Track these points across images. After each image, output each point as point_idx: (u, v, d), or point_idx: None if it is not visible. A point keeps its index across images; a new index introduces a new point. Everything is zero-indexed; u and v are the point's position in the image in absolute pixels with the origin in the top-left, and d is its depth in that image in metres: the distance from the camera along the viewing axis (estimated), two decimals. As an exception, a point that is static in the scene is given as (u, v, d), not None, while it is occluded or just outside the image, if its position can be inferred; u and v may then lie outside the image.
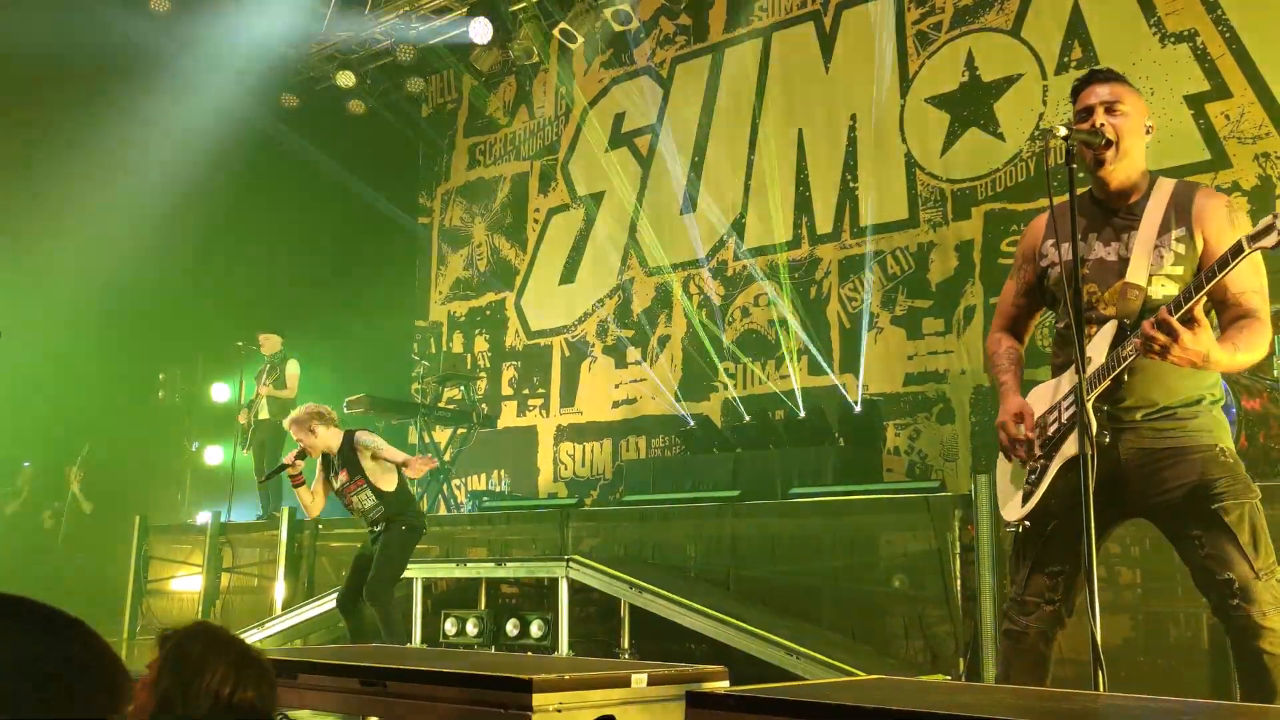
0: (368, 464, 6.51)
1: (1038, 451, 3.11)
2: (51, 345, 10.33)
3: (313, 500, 6.70)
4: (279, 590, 8.95)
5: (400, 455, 6.61)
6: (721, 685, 2.88)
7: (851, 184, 10.34)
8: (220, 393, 12.25)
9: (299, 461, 6.52)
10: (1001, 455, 3.28)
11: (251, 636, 8.17)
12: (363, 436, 6.62)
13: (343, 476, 6.56)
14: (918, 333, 9.70)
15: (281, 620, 8.20)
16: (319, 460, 6.66)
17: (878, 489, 7.68)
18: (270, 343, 10.57)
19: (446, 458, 10.77)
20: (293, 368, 10.41)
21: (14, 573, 10.90)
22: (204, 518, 10.24)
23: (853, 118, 10.40)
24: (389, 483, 6.62)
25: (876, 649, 6.52)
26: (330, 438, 6.57)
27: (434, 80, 14.04)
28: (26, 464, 11.57)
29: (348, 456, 6.53)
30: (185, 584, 10.00)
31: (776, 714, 2.07)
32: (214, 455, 12.36)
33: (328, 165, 12.69)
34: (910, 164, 9.98)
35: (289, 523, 9.14)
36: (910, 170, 9.97)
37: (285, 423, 6.72)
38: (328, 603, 7.92)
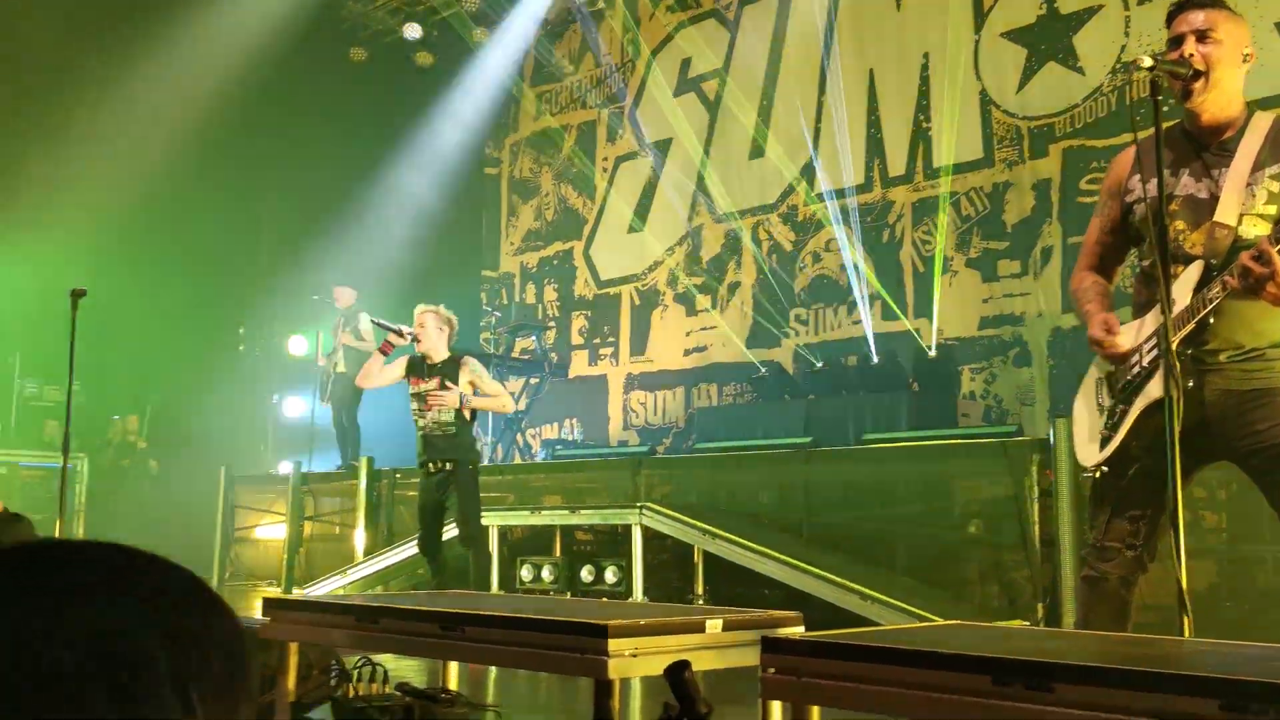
0: (463, 385, 6.54)
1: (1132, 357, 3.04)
2: (137, 303, 10.60)
3: (379, 374, 6.66)
4: (359, 538, 9.16)
5: (499, 387, 6.70)
6: (796, 631, 2.87)
7: (924, 124, 10.12)
8: (298, 345, 12.49)
9: (406, 338, 6.52)
10: (1079, 399, 3.20)
11: (333, 583, 8.39)
12: (471, 360, 6.65)
13: (433, 383, 6.52)
14: (993, 275, 9.51)
15: (363, 567, 8.40)
16: (409, 358, 6.66)
17: (953, 434, 7.60)
18: (345, 295, 10.72)
19: (520, 407, 10.87)
20: (366, 321, 10.54)
21: (113, 520, 11.29)
22: (286, 468, 10.49)
23: (925, 56, 10.15)
24: (468, 412, 6.66)
25: (951, 595, 6.48)
26: (441, 344, 6.57)
27: (500, 29, 13.97)
28: (116, 417, 11.93)
29: (449, 371, 6.52)
30: (270, 532, 10.29)
31: (852, 659, 2.06)
32: (294, 407, 12.62)
33: (398, 118, 12.75)
34: (985, 102, 9.73)
35: (367, 472, 9.33)
36: (985, 108, 9.72)
37: (421, 309, 6.64)
38: (406, 550, 8.09)
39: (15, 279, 9.83)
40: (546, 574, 7.45)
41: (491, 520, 7.64)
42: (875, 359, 9.53)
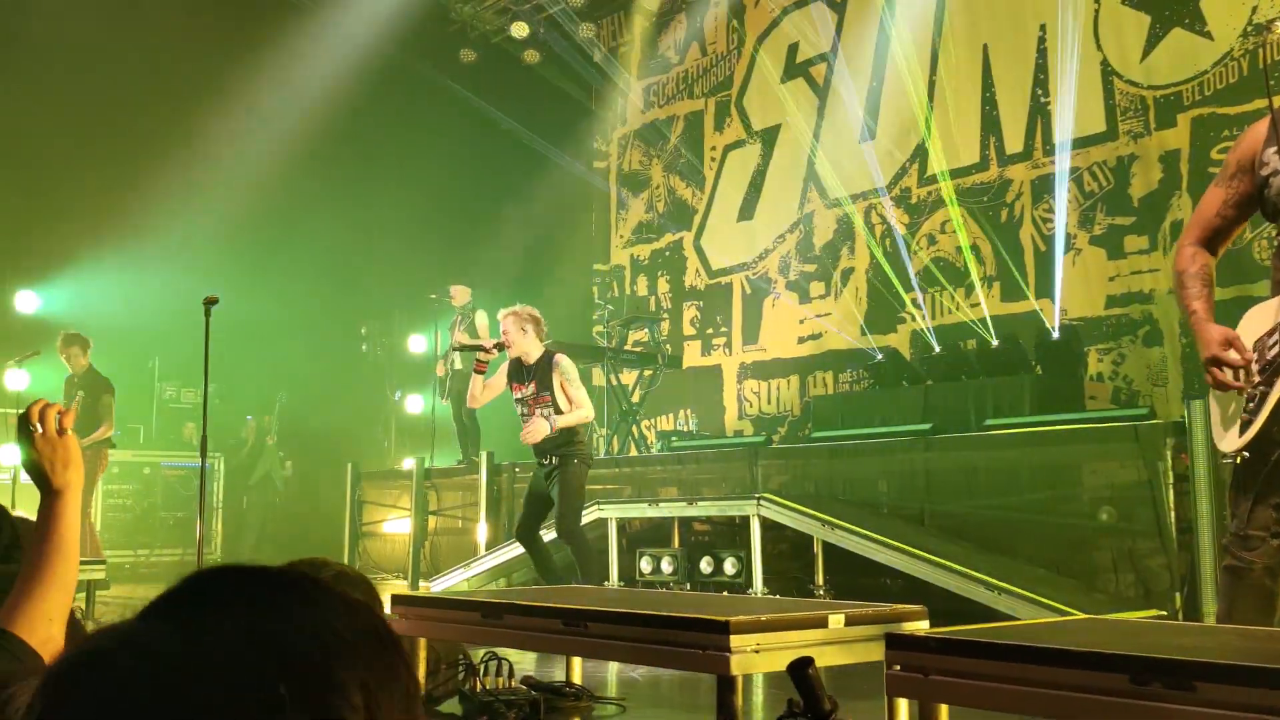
0: (556, 386, 6.55)
1: (1256, 376, 2.89)
2: (265, 308, 10.98)
3: (482, 393, 6.71)
4: (481, 531, 9.33)
5: (582, 395, 6.62)
6: (920, 625, 2.83)
7: (1043, 99, 9.81)
8: (417, 344, 12.77)
9: (494, 351, 6.59)
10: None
11: (457, 576, 8.57)
12: (563, 360, 6.62)
13: (531, 388, 6.56)
14: (1119, 252, 9.18)
15: (485, 560, 8.55)
16: (508, 364, 6.73)
17: (1080, 418, 7.37)
18: (461, 294, 10.91)
19: (634, 399, 10.92)
20: (482, 318, 10.72)
21: (248, 516, 11.75)
22: (409, 463, 10.73)
23: (1042, 28, 9.84)
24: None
25: (1082, 584, 6.29)
26: (532, 346, 6.58)
27: (605, 24, 14.05)
28: (250, 418, 12.38)
29: (543, 371, 6.54)
30: (396, 526, 10.55)
31: (981, 657, 2.01)
32: (415, 404, 12.93)
33: (506, 118, 12.93)
34: (1107, 72, 9.39)
35: (487, 467, 9.50)
36: (1107, 79, 9.38)
37: (501, 314, 6.67)
38: (528, 543, 8.20)
39: (152, 288, 10.29)
40: (666, 565, 7.48)
41: (610, 512, 7.71)
42: (995, 342, 9.29)
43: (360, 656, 0.70)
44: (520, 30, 12.91)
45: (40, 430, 1.75)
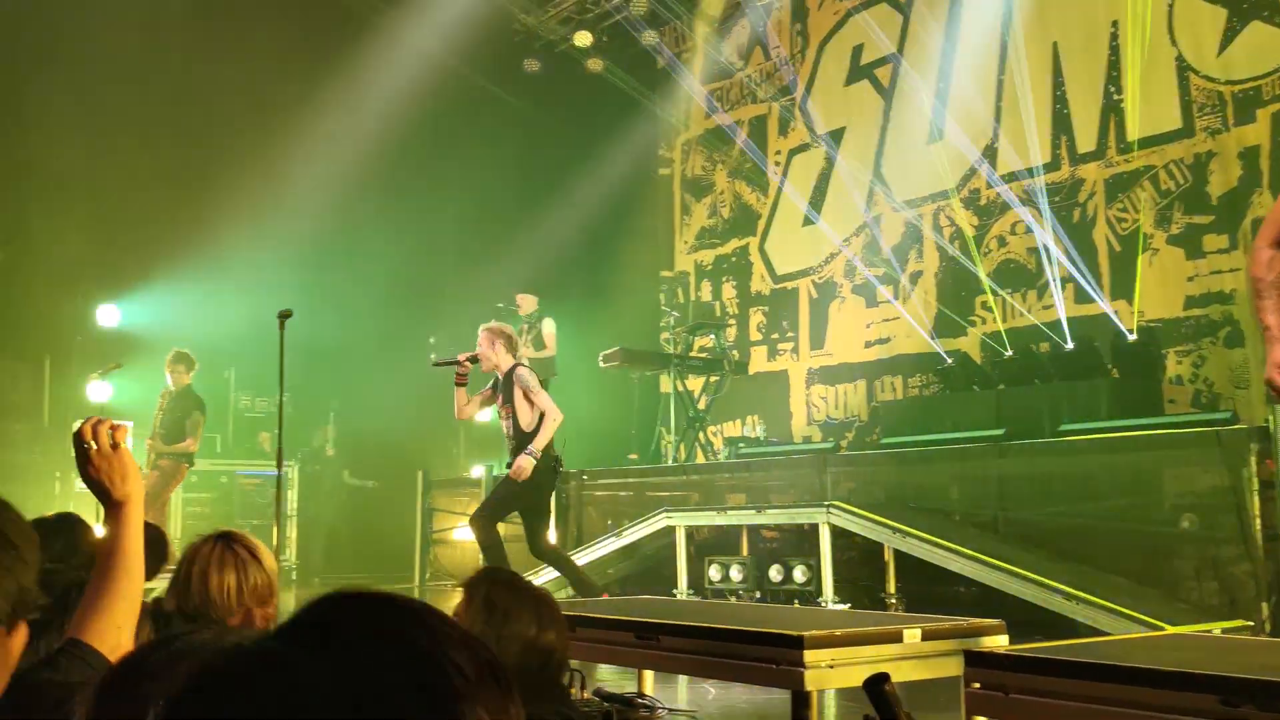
0: (517, 397, 6.75)
1: None
2: (335, 319, 11.16)
3: (465, 405, 6.97)
4: (550, 538, 9.36)
5: (547, 405, 6.77)
6: (999, 640, 2.78)
7: (1115, 96, 9.61)
8: (485, 352, 12.86)
9: (468, 364, 6.82)
10: None
11: (528, 583, 8.61)
12: (522, 372, 6.89)
13: (499, 399, 6.88)
14: (1198, 251, 8.95)
15: (552, 569, 8.57)
16: (493, 379, 6.96)
17: (1159, 422, 7.19)
18: (527, 303, 10.97)
19: (701, 406, 10.89)
20: (549, 326, 10.76)
21: (322, 524, 11.93)
22: (478, 471, 10.82)
23: (1114, 24, 9.64)
24: (528, 421, 6.78)
25: (1164, 594, 6.14)
26: (502, 359, 6.85)
27: (667, 31, 14.05)
28: (323, 427, 12.58)
29: (508, 383, 6.82)
30: (466, 534, 10.63)
31: (1064, 675, 1.97)
32: (483, 412, 13.00)
33: (570, 126, 13.00)
34: (1182, 68, 9.17)
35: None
36: (1183, 75, 9.16)
37: (481, 328, 7.00)
38: (597, 550, 8.24)
39: (227, 302, 10.51)
40: (735, 573, 7.45)
41: (678, 520, 7.70)
42: (1069, 345, 9.12)
43: (482, 692, 0.71)
44: (584, 39, 12.97)
45: (94, 446, 1.78)
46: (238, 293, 10.48)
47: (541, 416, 6.74)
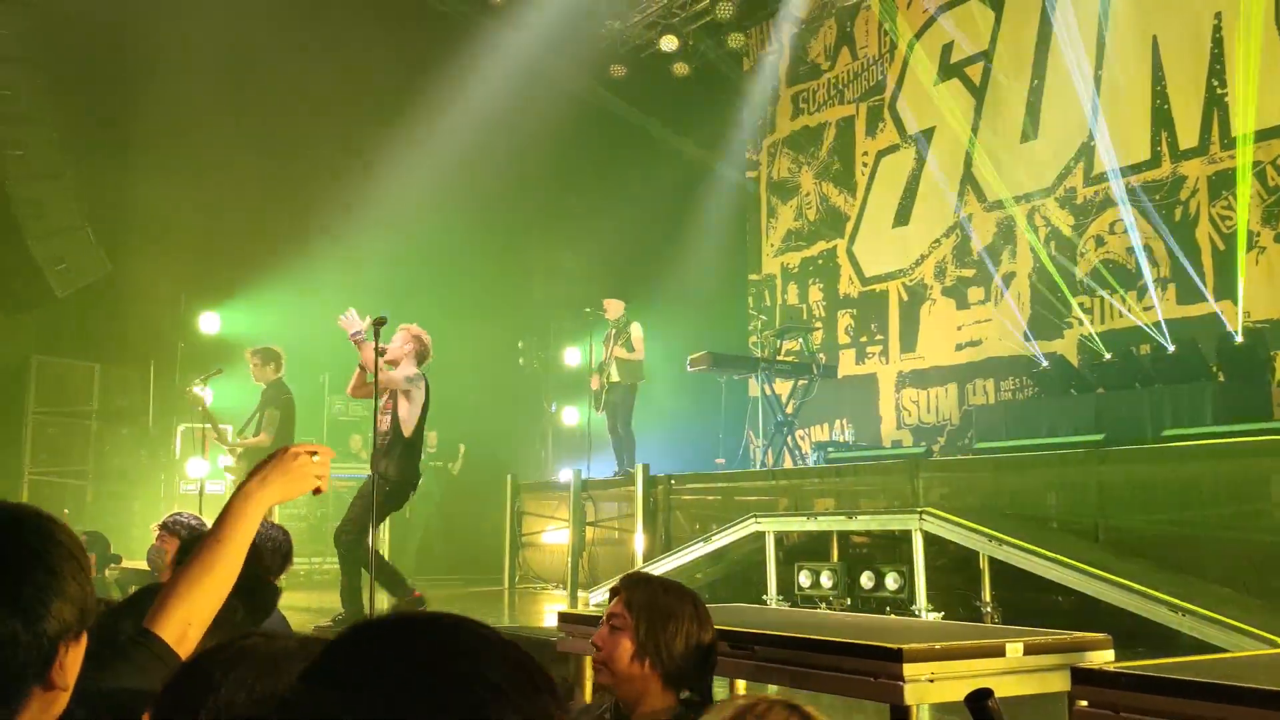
0: (398, 397, 6.95)
1: None
2: (425, 324, 11.32)
3: (359, 387, 7.01)
4: (638, 542, 9.39)
5: (405, 410, 6.94)
6: (1105, 655, 2.71)
7: (1219, 90, 9.30)
8: (572, 357, 12.96)
9: (366, 346, 6.68)
10: None
11: (617, 587, 8.64)
12: (398, 377, 6.97)
13: (386, 398, 6.97)
14: (1309, 250, 8.62)
15: (642, 571, 8.59)
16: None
17: (1269, 427, 6.93)
18: (614, 307, 11.02)
19: (789, 410, 10.82)
20: (636, 330, 10.80)
21: (413, 527, 12.12)
22: (566, 475, 10.88)
23: (1217, 16, 9.34)
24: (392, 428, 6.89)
25: (1272, 605, 5.91)
26: (406, 369, 7.03)
27: (753, 33, 14.00)
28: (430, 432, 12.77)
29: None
30: (554, 537, 10.72)
31: (1179, 696, 1.90)
32: (571, 416, 13.11)
33: (656, 130, 13.03)
34: (1291, 60, 8.84)
35: (643, 478, 9.55)
36: (1291, 67, 8.83)
37: (403, 328, 7.14)
38: (685, 555, 8.23)
39: (322, 308, 10.73)
40: (825, 580, 7.36)
41: (767, 525, 7.64)
42: (1171, 347, 8.85)
43: (513, 701, 0.72)
44: (670, 43, 12.98)
45: (301, 447, 1.89)
46: (332, 299, 10.70)
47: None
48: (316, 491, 1.87)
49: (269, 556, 3.53)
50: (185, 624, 1.67)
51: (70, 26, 10.45)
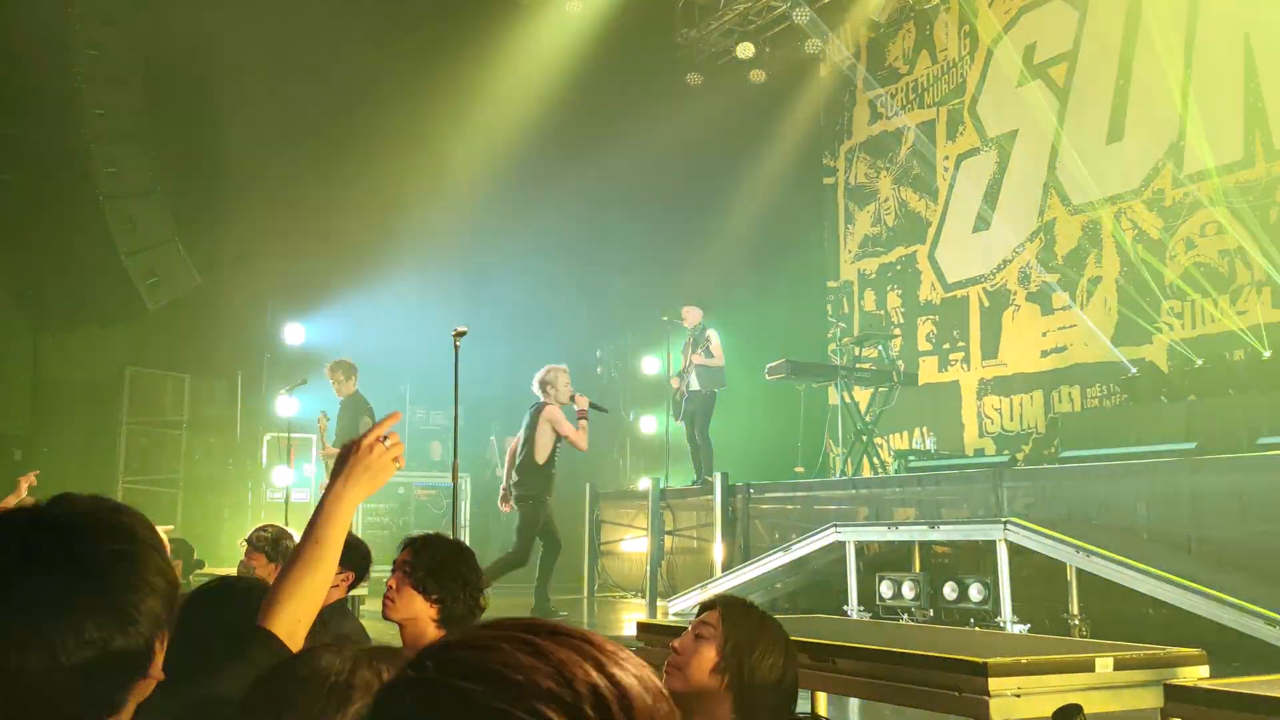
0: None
1: None
2: (503, 334, 11.45)
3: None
4: (717, 551, 9.36)
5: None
6: (1199, 671, 2.62)
7: (1316, 87, 9.00)
8: (650, 365, 12.97)
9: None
10: None
11: (695, 597, 8.62)
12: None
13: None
14: None
15: (722, 581, 8.56)
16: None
17: (1370, 436, 6.67)
18: (692, 315, 11.01)
19: (868, 418, 10.70)
20: (715, 337, 10.78)
21: (494, 534, 12.23)
22: (644, 484, 10.90)
23: (1313, 10, 9.03)
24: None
25: (1378, 619, 5.68)
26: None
27: (831, 39, 13.90)
28: (493, 438, 12.91)
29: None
30: (633, 546, 10.73)
31: (1277, 715, 1.84)
32: (649, 424, 13.12)
33: (734, 137, 12.99)
34: (1393, 53, 8.51)
35: (722, 487, 9.52)
36: (1393, 61, 8.50)
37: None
38: (765, 564, 8.19)
39: (404, 319, 10.92)
40: (907, 590, 7.27)
41: (848, 535, 7.57)
42: (1267, 352, 8.57)
43: None
44: (746, 50, 12.96)
45: (370, 438, 1.90)
46: (413, 310, 10.88)
47: None
48: (397, 466, 1.91)
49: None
50: (295, 622, 1.73)
51: (162, 46, 10.79)
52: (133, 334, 11.54)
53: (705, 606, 2.43)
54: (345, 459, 1.89)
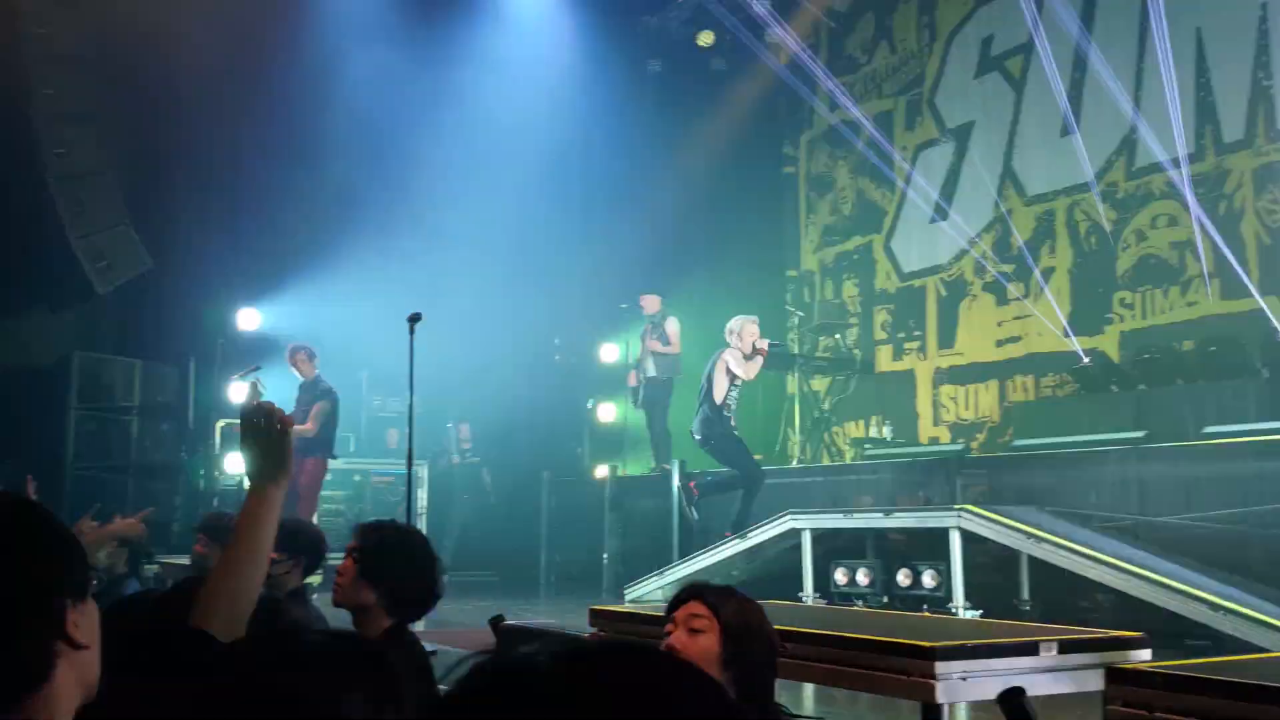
0: None
1: None
2: (461, 320, 11.38)
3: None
4: (674, 539, 9.38)
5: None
6: (1143, 655, 2.67)
7: (1264, 82, 9.14)
8: (609, 353, 12.96)
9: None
10: None
11: (652, 584, 8.64)
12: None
13: None
14: (1358, 244, 8.45)
15: (679, 568, 8.59)
16: None
17: (1314, 425, 6.81)
18: (651, 303, 11.01)
19: (826, 406, 10.77)
20: (673, 325, 10.79)
21: (450, 522, 12.18)
22: (602, 471, 10.90)
23: (1263, 7, 9.17)
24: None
25: (1321, 605, 5.81)
26: None
27: (791, 28, 13.90)
28: (450, 425, 12.84)
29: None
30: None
31: (1217, 696, 1.87)
32: (607, 412, 13.11)
33: (693, 126, 12.99)
34: (1339, 50, 8.66)
35: (680, 475, 9.54)
36: (1340, 57, 8.66)
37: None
38: (721, 552, 8.22)
39: (360, 305, 10.82)
40: (861, 578, 7.34)
41: (804, 523, 7.62)
42: (1214, 344, 8.71)
43: None
44: (706, 38, 12.95)
45: (260, 423, 1.86)
46: (370, 296, 10.78)
47: None
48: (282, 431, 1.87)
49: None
50: (230, 618, 1.71)
51: (114, 26, 10.59)
52: (82, 318, 11.35)
53: (681, 599, 2.42)
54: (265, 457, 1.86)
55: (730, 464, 8.89)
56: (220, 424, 11.08)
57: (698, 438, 8.88)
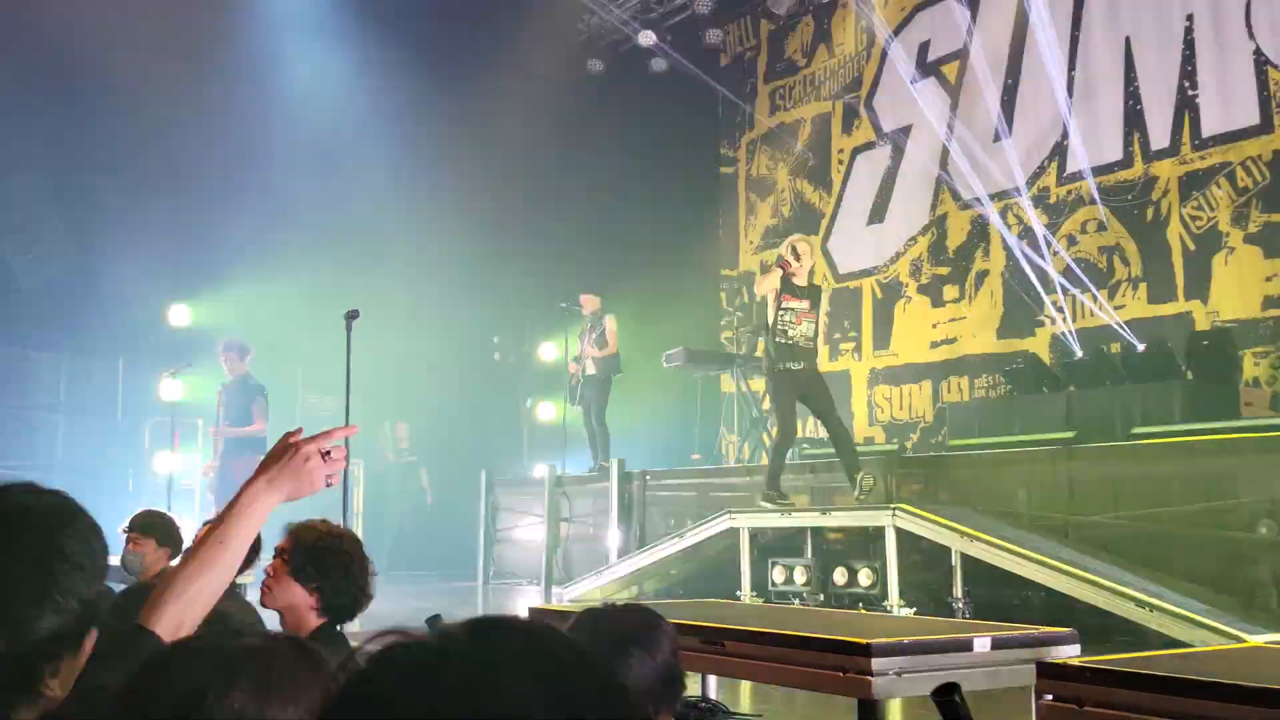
0: None
1: None
2: (400, 318, 11.28)
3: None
4: (612, 539, 9.39)
5: None
6: (1072, 650, 2.72)
7: (1190, 91, 9.38)
8: (548, 352, 12.93)
9: None
10: None
11: (589, 583, 8.64)
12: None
13: None
14: (1277, 250, 8.70)
15: (617, 568, 8.60)
16: None
17: (1237, 426, 7.00)
18: (590, 303, 11.00)
19: (764, 406, 10.83)
20: (611, 324, 10.79)
21: (387, 522, 12.06)
22: (541, 470, 10.87)
23: (1189, 17, 9.41)
24: None
25: (1240, 602, 5.99)
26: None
27: (732, 29, 14.00)
28: (386, 424, 12.73)
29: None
30: (528, 533, 10.70)
31: (1142, 689, 1.92)
32: (546, 411, 13.07)
33: (634, 126, 12.99)
34: (1261, 62, 8.92)
35: (618, 473, 9.54)
36: (1261, 69, 8.92)
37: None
38: (660, 550, 8.24)
39: (295, 302, 10.67)
40: (799, 576, 7.40)
41: (742, 522, 7.66)
42: (1142, 346, 8.92)
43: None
44: (647, 39, 12.96)
45: (311, 446, 1.76)
46: (305, 293, 10.64)
47: None
48: (328, 483, 1.81)
49: None
50: (179, 624, 1.64)
51: (39, 15, 10.32)
52: (4, 312, 11.05)
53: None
54: (276, 457, 1.77)
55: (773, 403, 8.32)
56: (150, 422, 10.86)
57: (765, 367, 8.44)
